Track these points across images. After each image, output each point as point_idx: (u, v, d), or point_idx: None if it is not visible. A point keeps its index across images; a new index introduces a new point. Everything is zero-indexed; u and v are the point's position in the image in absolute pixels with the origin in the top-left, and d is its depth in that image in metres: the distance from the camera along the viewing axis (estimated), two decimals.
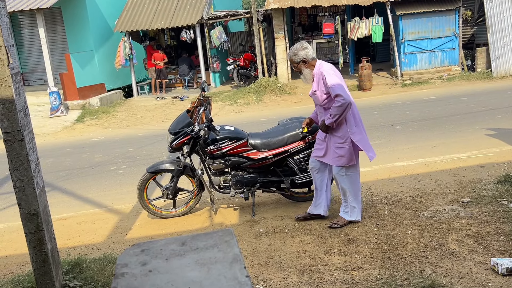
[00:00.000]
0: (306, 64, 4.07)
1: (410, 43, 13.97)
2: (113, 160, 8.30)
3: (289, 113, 10.67)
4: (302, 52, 4.05)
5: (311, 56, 4.05)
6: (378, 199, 4.94)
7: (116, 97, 15.12)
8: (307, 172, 4.89)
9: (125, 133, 11.06)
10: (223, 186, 4.86)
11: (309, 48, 4.05)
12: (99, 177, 7.27)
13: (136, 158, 8.24)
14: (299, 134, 4.74)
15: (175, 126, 4.74)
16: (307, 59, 4.06)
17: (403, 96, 11.98)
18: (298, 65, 4.10)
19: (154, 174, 4.91)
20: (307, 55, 4.03)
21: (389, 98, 11.85)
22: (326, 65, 4.01)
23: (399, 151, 6.91)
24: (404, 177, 5.63)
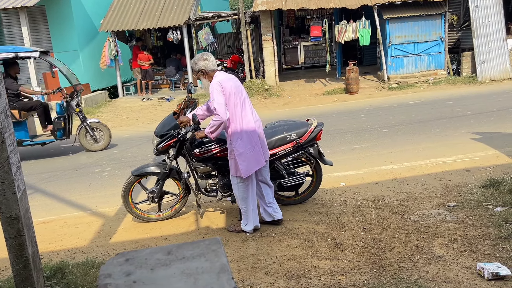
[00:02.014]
0: (204, 74, 4.26)
1: (396, 47, 14.11)
2: (98, 162, 8.20)
3: (276, 115, 10.68)
4: (202, 62, 4.22)
5: (210, 68, 4.22)
6: (365, 203, 4.96)
7: (101, 97, 14.97)
8: (294, 175, 4.89)
9: None
10: (209, 189, 4.83)
11: (209, 60, 4.22)
12: (83, 179, 7.17)
13: (121, 160, 8.15)
14: (286, 137, 4.74)
15: (161, 128, 4.70)
16: (205, 70, 4.23)
17: (390, 99, 12.09)
18: (198, 74, 4.29)
19: (139, 177, 4.87)
20: (206, 66, 4.21)
21: (375, 102, 11.94)
22: (217, 78, 4.13)
23: (385, 154, 6.96)
24: (391, 180, 5.66)
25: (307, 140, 4.79)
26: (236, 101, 4.13)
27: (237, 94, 4.15)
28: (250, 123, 4.19)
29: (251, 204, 4.37)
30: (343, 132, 8.72)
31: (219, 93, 4.06)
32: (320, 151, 4.93)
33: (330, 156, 6.57)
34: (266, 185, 4.51)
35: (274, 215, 4.53)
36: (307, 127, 4.82)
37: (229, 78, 4.23)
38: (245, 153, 4.17)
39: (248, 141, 4.17)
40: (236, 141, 4.17)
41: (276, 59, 14.89)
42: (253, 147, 4.19)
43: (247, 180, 4.29)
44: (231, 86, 4.12)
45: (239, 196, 4.37)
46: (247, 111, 4.20)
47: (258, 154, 4.22)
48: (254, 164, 4.21)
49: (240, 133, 4.15)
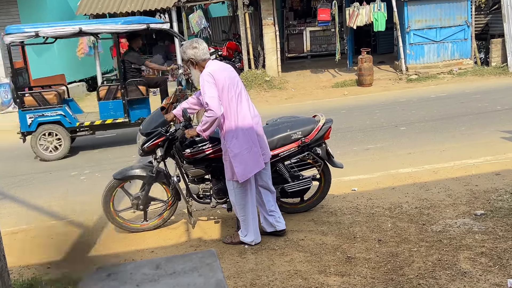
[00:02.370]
0: (194, 64, 4.25)
1: (416, 33, 14.12)
2: (75, 164, 8.20)
3: (279, 111, 10.68)
4: (191, 51, 4.21)
5: (200, 57, 4.21)
6: (380, 211, 4.97)
7: (78, 90, 14.97)
8: (299, 179, 4.90)
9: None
10: (202, 195, 4.83)
11: (200, 47, 4.21)
12: (58, 183, 7.17)
13: (102, 162, 8.15)
14: (290, 136, 4.75)
15: (147, 126, 4.70)
16: (195, 60, 4.22)
17: (408, 92, 12.10)
18: (187, 64, 4.29)
19: (122, 181, 4.87)
20: (195, 55, 4.20)
21: (392, 95, 11.95)
22: (209, 68, 4.14)
23: (403, 156, 6.96)
24: (410, 185, 5.67)
25: (314, 139, 4.80)
26: (230, 95, 4.12)
27: (232, 86, 4.14)
28: (247, 120, 4.19)
29: (250, 212, 4.38)
30: (355, 130, 8.73)
31: (210, 86, 4.05)
32: (329, 151, 4.94)
33: (340, 158, 6.57)
34: (267, 191, 4.52)
35: (276, 225, 4.54)
36: (314, 124, 4.83)
37: (222, 68, 4.23)
38: (241, 154, 4.17)
39: (245, 140, 4.17)
40: (230, 141, 4.17)
41: (278, 47, 14.91)
42: (251, 147, 4.19)
43: (245, 185, 4.30)
44: (224, 78, 4.12)
45: (237, 203, 4.37)
46: (244, 106, 4.20)
47: (256, 155, 4.23)
48: (252, 166, 4.22)
49: (235, 131, 4.15)
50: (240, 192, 4.33)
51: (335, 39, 15.63)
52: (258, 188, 4.49)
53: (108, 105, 8.79)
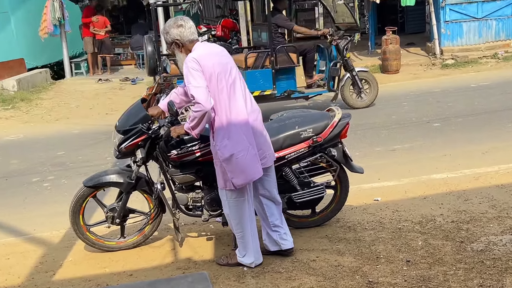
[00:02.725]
0: (180, 47, 4.24)
1: (453, 8, 14.11)
2: (36, 168, 8.21)
3: (285, 103, 10.67)
4: (175, 30, 4.20)
5: (187, 38, 4.20)
6: (409, 226, 4.97)
7: (40, 78, 14.98)
8: (310, 187, 4.90)
9: (53, 130, 10.96)
10: (192, 206, 4.83)
11: (186, 26, 4.20)
12: (16, 192, 7.18)
13: (69, 166, 8.15)
14: (299, 134, 4.74)
15: (125, 122, 4.69)
16: (181, 41, 4.21)
17: (443, 81, 12.08)
18: (171, 47, 4.30)
19: (94, 189, 4.86)
20: (181, 35, 4.19)
21: (423, 84, 11.94)
22: (194, 53, 4.13)
23: (437, 158, 6.95)
24: (445, 194, 5.66)
25: (328, 138, 4.80)
26: (221, 85, 4.08)
27: (223, 75, 4.11)
28: (241, 115, 4.17)
29: (249, 228, 4.38)
30: (378, 127, 8.73)
31: (196, 74, 4.02)
32: (346, 153, 4.93)
33: (360, 161, 6.55)
34: (271, 201, 4.51)
35: (281, 243, 4.54)
36: (327, 120, 4.83)
37: (212, 52, 4.21)
38: (235, 157, 4.14)
39: (239, 140, 4.15)
40: (221, 141, 4.15)
41: None
42: (247, 149, 4.16)
43: (241, 194, 4.29)
44: (213, 64, 4.08)
45: (232, 217, 4.37)
46: (238, 99, 4.16)
47: (253, 159, 4.20)
48: (249, 172, 4.20)
49: (227, 129, 4.13)
50: (236, 203, 4.32)
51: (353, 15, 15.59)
52: (258, 197, 4.49)
53: (255, 74, 9.02)
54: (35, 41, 15.63)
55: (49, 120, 11.91)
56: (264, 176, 4.38)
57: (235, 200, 4.31)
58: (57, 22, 15.02)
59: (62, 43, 15.58)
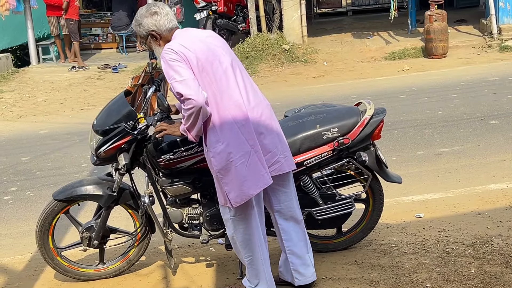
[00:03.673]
0: (158, 39, 4.28)
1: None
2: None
3: (304, 96, 10.70)
4: (149, 20, 4.23)
5: (165, 27, 4.24)
6: (460, 249, 4.95)
7: (1, 65, 15.04)
8: (335, 201, 4.89)
9: (16, 129, 11.02)
10: (188, 224, 4.83)
11: (162, 12, 4.25)
12: None
13: (35, 174, 8.19)
14: (321, 134, 4.73)
15: (104, 120, 4.70)
16: (157, 32, 4.25)
17: (502, 67, 12.05)
18: (147, 41, 4.35)
19: (67, 204, 4.86)
20: (157, 24, 4.23)
21: (477, 71, 11.91)
22: (172, 43, 4.16)
23: (494, 163, 6.94)
24: (505, 209, 5.63)
25: (357, 139, 4.78)
26: (207, 76, 4.06)
27: (210, 63, 4.09)
28: (238, 111, 4.12)
29: (259, 251, 4.37)
30: (420, 125, 8.71)
31: (177, 66, 4.01)
32: (380, 158, 4.92)
33: (397, 168, 6.55)
34: (288, 222, 4.50)
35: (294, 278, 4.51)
36: (356, 117, 4.81)
37: (193, 37, 4.21)
38: (234, 165, 4.11)
39: (237, 143, 4.11)
40: (214, 146, 4.12)
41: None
42: (248, 154, 4.13)
43: (247, 209, 4.28)
44: (195, 51, 4.07)
45: (238, 239, 4.36)
46: (232, 91, 4.12)
47: (257, 166, 4.16)
48: (251, 183, 4.16)
49: (220, 130, 4.10)
50: (240, 222, 4.31)
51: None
52: (274, 215, 4.49)
53: None
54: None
55: (10, 118, 11.96)
56: (278, 187, 4.37)
57: (240, 217, 4.29)
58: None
59: (27, 22, 15.62)
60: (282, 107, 6.11)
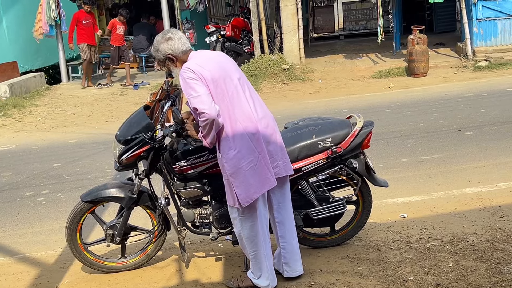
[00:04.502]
0: (175, 61, 4.32)
1: (486, 5, 14.07)
2: (29, 182, 8.25)
3: (301, 110, 10.70)
4: (165, 45, 4.28)
5: (180, 49, 4.29)
6: (439, 245, 4.94)
7: (35, 83, 15.10)
8: (329, 203, 4.89)
9: (48, 139, 11.02)
10: (199, 223, 4.83)
11: (175, 38, 4.29)
12: (7, 207, 7.22)
13: (65, 179, 8.20)
14: (317, 143, 4.74)
15: (126, 131, 4.72)
16: (173, 55, 4.29)
17: (476, 85, 12.04)
18: (166, 64, 4.38)
19: (92, 205, 4.87)
20: (172, 48, 4.28)
21: (454, 89, 11.90)
22: (189, 62, 4.21)
23: (469, 170, 6.93)
24: (478, 211, 5.63)
25: (349, 148, 4.79)
26: (221, 92, 4.12)
27: (222, 80, 4.15)
28: (248, 122, 4.18)
29: (263, 246, 4.38)
30: (404, 135, 8.70)
31: (193, 83, 4.06)
32: (369, 165, 4.92)
33: (384, 173, 6.54)
34: (285, 220, 4.51)
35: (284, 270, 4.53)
36: (348, 128, 4.82)
37: (208, 57, 4.27)
38: (243, 170, 4.16)
39: (248, 151, 4.16)
40: (227, 153, 4.17)
41: (300, 24, 14.94)
42: (256, 160, 4.18)
43: (253, 208, 4.30)
44: (210, 70, 4.13)
45: (244, 236, 4.37)
46: (243, 105, 4.19)
47: (264, 168, 4.22)
48: (258, 185, 4.20)
49: (233, 139, 4.16)
50: (247, 220, 4.32)
51: (376, 13, 15.63)
52: (273, 213, 4.49)
53: None
54: (29, 43, 15.77)
55: (43, 129, 11.97)
56: (277, 188, 4.39)
57: (246, 216, 4.30)
58: (53, 22, 15.14)
59: (58, 44, 15.68)
60: (282, 119, 6.11)
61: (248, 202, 4.19)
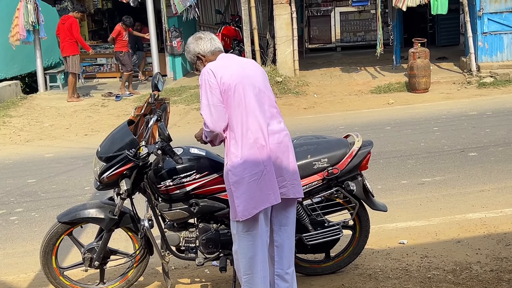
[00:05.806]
0: (203, 61, 4.46)
1: (492, 18, 14.18)
2: (1, 199, 8.20)
3: (295, 126, 10.69)
4: (194, 45, 4.46)
5: (209, 49, 4.44)
6: (440, 275, 4.93)
7: (9, 92, 15.04)
8: (324, 227, 4.88)
9: (23, 152, 10.97)
10: (185, 247, 4.80)
11: (205, 38, 4.46)
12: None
13: (41, 196, 8.15)
14: (312, 164, 4.74)
15: (108, 147, 4.70)
16: (202, 54, 4.44)
17: (481, 102, 12.10)
18: (195, 64, 4.55)
19: (70, 226, 4.84)
20: (202, 48, 4.43)
21: (457, 106, 11.96)
22: (213, 63, 4.35)
23: (473, 194, 6.94)
24: (483, 238, 5.63)
25: (346, 170, 4.79)
26: (238, 98, 4.18)
27: (241, 87, 4.21)
28: (260, 133, 4.22)
29: (260, 269, 4.33)
30: (404, 155, 8.72)
31: (208, 89, 4.18)
32: (367, 187, 4.92)
33: (382, 196, 6.55)
34: (285, 245, 4.48)
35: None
36: (345, 148, 4.83)
37: (234, 62, 4.37)
38: (248, 181, 4.16)
39: (254, 162, 4.17)
40: (232, 160, 4.20)
41: (295, 34, 14.97)
42: (261, 173, 4.19)
43: (254, 226, 4.26)
44: (231, 75, 4.20)
45: (241, 255, 4.33)
46: (258, 115, 4.23)
47: (268, 183, 4.21)
48: (259, 199, 4.19)
49: (241, 148, 4.19)
50: (247, 238, 4.28)
51: (375, 24, 15.72)
52: (272, 235, 4.45)
53: None
54: (4, 49, 15.74)
55: (18, 142, 11.91)
56: (282, 210, 4.40)
57: (246, 233, 4.28)
58: (31, 27, 15.10)
59: (36, 51, 15.64)
60: None
61: (246, 216, 4.18)
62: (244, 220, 4.21)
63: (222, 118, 4.16)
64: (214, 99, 4.15)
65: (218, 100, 4.15)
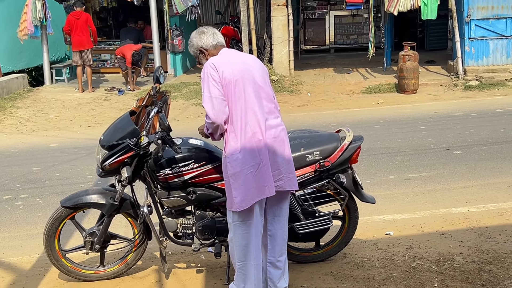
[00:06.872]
0: (206, 55, 4.46)
1: (479, 24, 14.20)
2: (7, 185, 8.20)
3: (289, 122, 10.68)
4: (197, 39, 4.45)
5: (211, 43, 4.43)
6: (424, 265, 4.95)
7: (17, 84, 15.01)
8: (315, 217, 4.90)
9: (29, 142, 10.97)
10: (182, 233, 4.81)
11: (208, 33, 4.45)
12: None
13: (45, 183, 8.15)
14: (304, 156, 4.76)
15: (110, 136, 4.71)
16: (204, 48, 4.43)
17: (466, 104, 12.13)
18: (198, 58, 4.55)
19: (72, 211, 4.84)
20: (205, 42, 4.43)
21: (444, 107, 11.98)
22: (215, 58, 4.35)
23: (457, 190, 6.96)
24: (465, 231, 5.65)
25: (337, 163, 4.80)
26: (239, 93, 4.19)
27: (242, 82, 4.22)
28: (258, 127, 4.23)
29: (253, 257, 4.35)
30: (392, 152, 8.74)
31: (210, 82, 4.18)
32: (356, 180, 4.94)
33: (371, 189, 6.56)
34: (277, 235, 4.50)
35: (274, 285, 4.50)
36: (337, 142, 4.84)
37: (236, 57, 4.37)
38: (243, 173, 4.18)
39: (251, 155, 4.19)
40: (232, 154, 4.21)
41: (291, 36, 14.99)
42: (257, 165, 4.21)
43: (249, 216, 4.28)
44: (233, 70, 4.21)
45: (236, 243, 4.35)
46: (256, 109, 4.24)
47: (263, 177, 4.23)
48: (256, 190, 4.21)
49: (240, 141, 4.20)
50: (242, 227, 4.31)
51: (368, 28, 15.73)
52: (266, 225, 4.47)
53: None
54: (12, 43, 15.69)
55: (24, 132, 11.90)
56: (276, 202, 4.41)
57: (241, 223, 4.30)
58: (38, 23, 15.06)
59: (43, 46, 15.62)
60: None
61: (243, 207, 4.20)
62: (240, 210, 4.23)
63: (223, 111, 4.17)
64: (216, 92, 4.16)
65: (220, 93, 4.16)
